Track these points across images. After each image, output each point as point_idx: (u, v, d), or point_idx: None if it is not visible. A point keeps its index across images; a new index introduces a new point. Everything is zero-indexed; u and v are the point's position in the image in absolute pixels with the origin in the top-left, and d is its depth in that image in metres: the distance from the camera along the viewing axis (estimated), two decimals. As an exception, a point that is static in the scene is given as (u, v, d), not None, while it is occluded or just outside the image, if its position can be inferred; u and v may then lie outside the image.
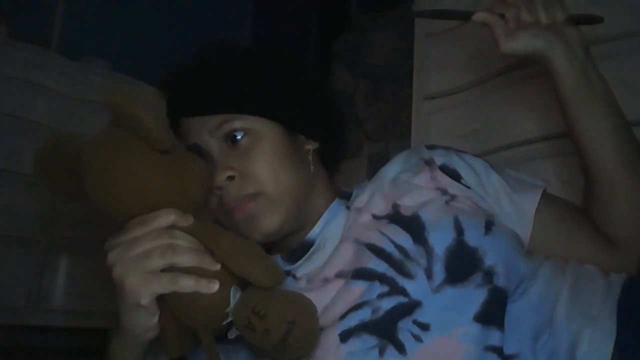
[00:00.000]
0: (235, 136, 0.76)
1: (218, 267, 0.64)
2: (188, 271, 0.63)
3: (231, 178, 0.74)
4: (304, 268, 0.77)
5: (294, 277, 0.77)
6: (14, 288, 1.43)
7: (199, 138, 0.77)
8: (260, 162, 0.75)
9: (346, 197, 0.82)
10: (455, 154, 0.80)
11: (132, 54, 1.80)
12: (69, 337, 1.48)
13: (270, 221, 0.75)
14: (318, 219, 0.79)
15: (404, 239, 0.71)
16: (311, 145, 0.82)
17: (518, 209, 0.76)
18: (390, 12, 2.18)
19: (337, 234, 0.77)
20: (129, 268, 0.62)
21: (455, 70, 1.25)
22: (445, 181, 0.76)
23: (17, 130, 1.46)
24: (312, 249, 0.78)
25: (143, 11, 1.98)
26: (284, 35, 2.41)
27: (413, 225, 0.71)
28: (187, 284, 0.62)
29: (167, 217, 0.64)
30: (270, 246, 0.82)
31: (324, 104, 0.84)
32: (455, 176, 0.77)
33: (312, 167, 0.80)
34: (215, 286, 0.63)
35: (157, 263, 0.62)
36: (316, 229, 0.79)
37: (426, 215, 0.72)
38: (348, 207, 0.80)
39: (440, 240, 0.69)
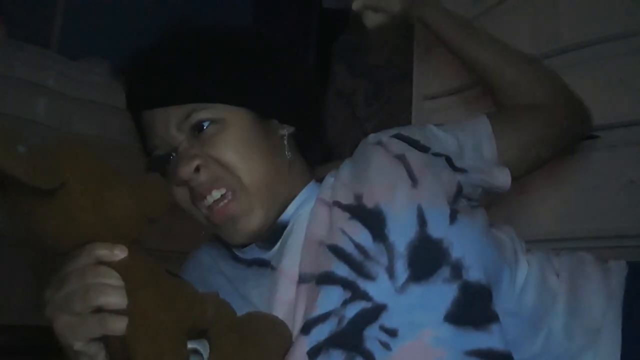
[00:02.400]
0: (202, 125, 0.71)
1: None
2: (125, 312, 0.55)
3: (197, 169, 0.69)
4: (281, 257, 0.72)
5: (272, 267, 0.73)
6: (14, 288, 1.43)
7: (165, 133, 0.71)
8: (227, 148, 0.70)
9: (322, 181, 0.77)
10: (405, 127, 0.78)
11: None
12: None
13: (252, 221, 0.71)
14: (291, 201, 0.75)
15: (364, 237, 0.65)
16: (286, 130, 0.76)
17: (476, 134, 0.78)
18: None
19: (306, 218, 0.73)
20: (56, 311, 0.56)
21: (455, 70, 1.25)
22: (402, 147, 0.72)
23: (17, 130, 1.46)
24: (285, 232, 0.73)
25: (143, 11, 1.98)
26: (284, 36, 2.41)
27: (373, 221, 0.66)
28: (116, 327, 0.54)
29: (89, 254, 0.57)
30: None
31: (297, 86, 0.79)
32: (412, 141, 0.73)
33: (288, 153, 0.75)
34: None
35: (81, 306, 0.55)
36: (290, 210, 0.74)
37: (388, 208, 0.66)
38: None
39: (401, 235, 0.64)
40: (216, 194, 0.70)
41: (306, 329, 0.63)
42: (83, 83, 1.61)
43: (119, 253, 0.57)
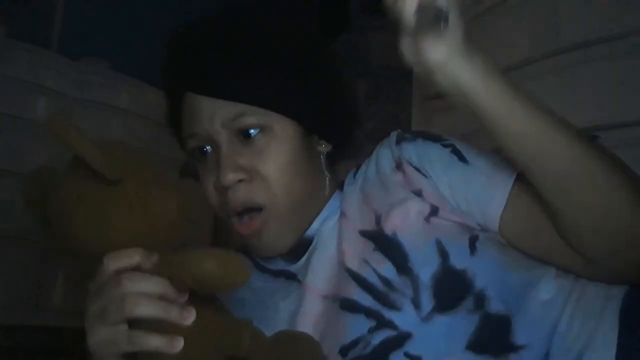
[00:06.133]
0: (249, 131, 0.68)
1: (188, 320, 0.55)
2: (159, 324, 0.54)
3: (241, 181, 0.68)
4: (307, 272, 0.73)
5: (298, 280, 0.74)
6: (14, 288, 1.43)
7: (209, 126, 0.68)
8: (274, 166, 0.68)
9: (342, 187, 0.77)
10: (422, 147, 0.70)
11: (132, 54, 1.80)
12: (69, 337, 1.48)
13: (278, 239, 0.70)
14: (316, 215, 0.74)
15: (388, 270, 0.66)
16: (324, 147, 0.75)
17: (481, 210, 0.66)
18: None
19: (333, 234, 0.73)
20: (93, 324, 0.55)
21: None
22: (420, 182, 0.69)
23: (17, 130, 1.46)
24: (311, 247, 0.74)
25: (143, 11, 1.97)
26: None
27: (396, 254, 0.66)
28: (147, 343, 0.54)
29: (129, 259, 0.55)
30: None
31: (345, 104, 0.78)
32: (424, 175, 0.69)
33: (325, 171, 0.74)
34: (177, 344, 0.54)
35: (115, 318, 0.54)
36: (315, 225, 0.74)
37: (407, 242, 0.66)
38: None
39: (425, 267, 0.65)
40: (249, 206, 0.69)
41: (342, 353, 0.65)
42: (83, 83, 1.61)
43: (154, 258, 0.56)
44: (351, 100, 0.80)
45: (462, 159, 0.69)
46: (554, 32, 1.07)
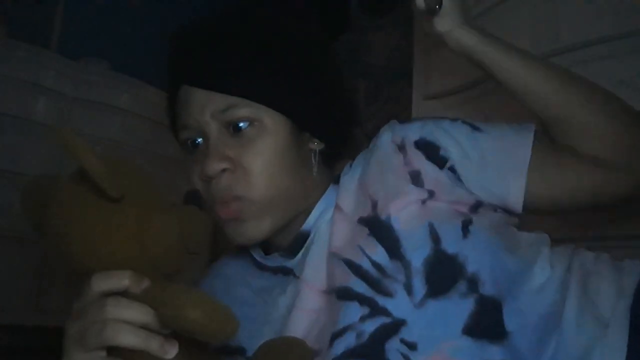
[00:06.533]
0: (239, 124, 0.69)
1: (170, 354, 0.53)
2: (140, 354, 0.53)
3: (225, 170, 0.68)
4: (304, 267, 0.73)
5: (294, 275, 0.74)
6: (14, 288, 1.43)
7: (200, 117, 0.69)
8: (260, 159, 0.68)
9: (338, 181, 0.76)
10: (433, 122, 0.73)
11: (132, 54, 1.80)
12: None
13: (256, 228, 0.70)
14: (312, 208, 0.74)
15: (380, 255, 0.66)
16: (316, 146, 0.75)
17: (509, 162, 0.69)
18: (390, 12, 2.18)
19: (329, 227, 0.73)
20: (68, 347, 0.54)
21: (455, 70, 1.25)
22: (420, 163, 0.70)
23: (17, 130, 1.46)
24: (308, 241, 0.73)
25: (143, 11, 1.97)
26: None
27: (389, 239, 0.66)
28: None
29: (117, 282, 0.54)
30: (264, 243, 0.78)
31: (340, 103, 0.78)
32: (432, 149, 0.70)
33: (314, 169, 0.74)
34: None
35: (93, 343, 0.52)
36: (311, 219, 0.74)
37: (399, 226, 0.66)
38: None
39: (417, 252, 0.64)
40: (229, 197, 0.69)
41: (331, 342, 0.65)
42: (83, 83, 1.61)
43: (143, 283, 0.55)
44: (348, 100, 0.80)
45: (475, 128, 0.72)
46: (554, 32, 1.07)
